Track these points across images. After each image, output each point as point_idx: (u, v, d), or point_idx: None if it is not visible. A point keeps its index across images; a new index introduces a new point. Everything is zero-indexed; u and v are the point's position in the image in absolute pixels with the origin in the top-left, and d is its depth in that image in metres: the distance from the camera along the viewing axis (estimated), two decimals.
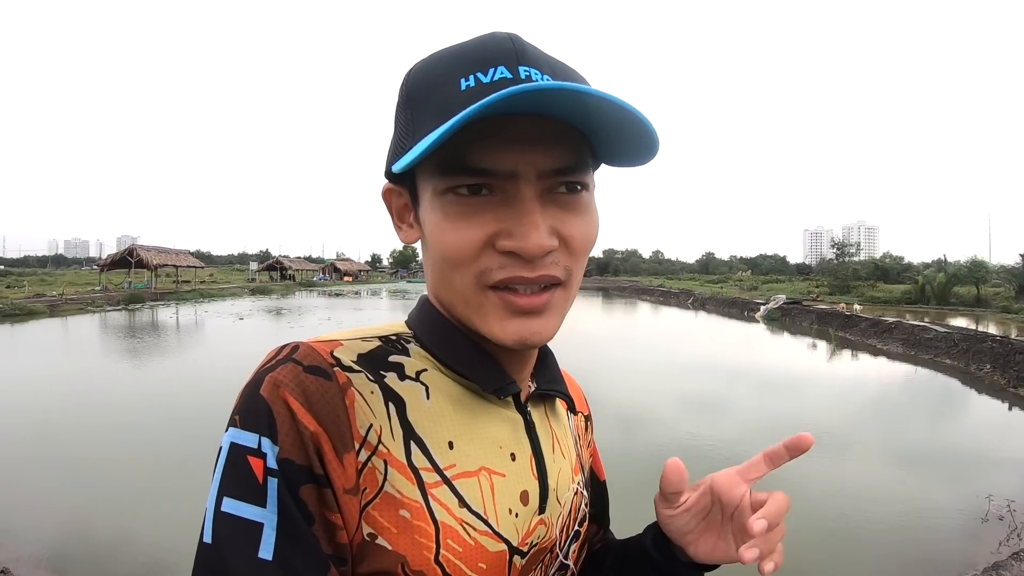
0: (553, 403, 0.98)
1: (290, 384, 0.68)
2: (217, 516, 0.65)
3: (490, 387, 0.82)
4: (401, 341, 0.85)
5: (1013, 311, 37.24)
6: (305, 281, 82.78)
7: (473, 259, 0.73)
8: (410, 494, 0.72)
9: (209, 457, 0.71)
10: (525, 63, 0.72)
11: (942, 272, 48.57)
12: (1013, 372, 17.49)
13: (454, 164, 0.71)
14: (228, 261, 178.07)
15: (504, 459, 0.82)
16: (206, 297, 49.15)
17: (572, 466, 0.96)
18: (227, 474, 0.67)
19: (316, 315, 34.30)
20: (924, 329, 23.88)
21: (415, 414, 0.76)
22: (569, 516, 0.92)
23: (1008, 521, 7.29)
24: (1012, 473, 9.29)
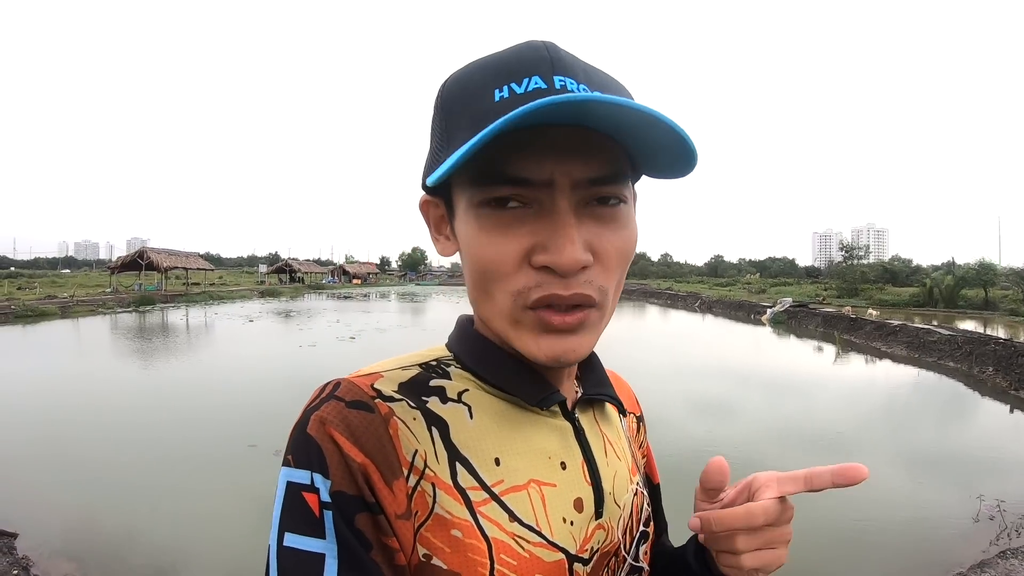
0: (603, 406, 0.97)
1: (334, 420, 0.71)
2: (280, 551, 0.68)
3: (533, 400, 0.82)
4: (441, 365, 0.86)
5: (1021, 314, 36.89)
6: (314, 283, 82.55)
7: (510, 275, 0.73)
8: (459, 514, 0.73)
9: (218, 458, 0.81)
10: (560, 72, 0.71)
11: (950, 275, 48.12)
12: (1015, 374, 17.47)
13: (489, 174, 0.71)
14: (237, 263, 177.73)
15: (553, 469, 0.82)
16: (216, 299, 49.24)
17: (629, 467, 0.95)
18: (286, 510, 0.70)
19: (325, 317, 34.26)
20: (928, 332, 23.83)
21: (459, 435, 0.78)
22: (631, 518, 0.91)
23: (998, 521, 7.44)
24: (1008, 474, 9.40)
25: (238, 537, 6.77)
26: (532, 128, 0.68)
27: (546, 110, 0.62)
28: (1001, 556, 6.43)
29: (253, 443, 9.80)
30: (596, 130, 0.70)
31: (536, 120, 0.64)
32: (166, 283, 53.61)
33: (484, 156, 0.69)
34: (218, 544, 6.63)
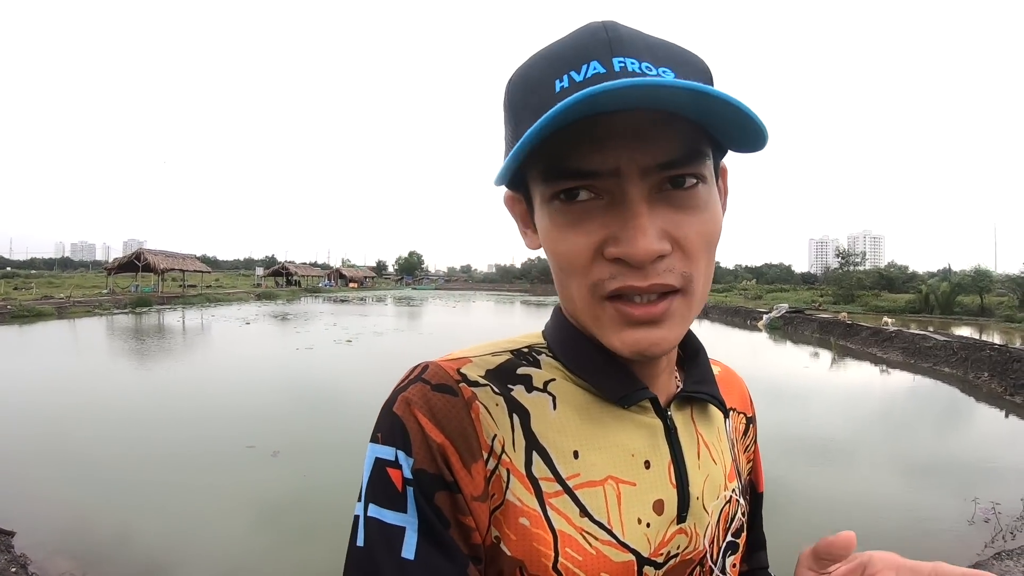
0: (704, 405, 0.91)
1: (418, 402, 0.73)
2: (367, 522, 0.70)
3: (615, 396, 0.80)
4: (533, 352, 0.85)
5: (1017, 320, 37.05)
6: (311, 287, 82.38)
7: (585, 269, 0.72)
8: (528, 503, 0.73)
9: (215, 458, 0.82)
10: (620, 54, 0.68)
11: (946, 281, 48.26)
12: (1010, 380, 17.65)
13: (555, 169, 0.70)
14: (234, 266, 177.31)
15: (635, 468, 0.80)
16: (212, 302, 49.18)
17: (725, 472, 0.90)
18: (371, 484, 0.72)
19: (322, 321, 34.28)
20: (924, 338, 23.99)
21: (539, 425, 0.77)
22: (719, 526, 0.87)
23: (993, 523, 7.48)
24: (1002, 478, 9.44)
25: (234, 537, 6.79)
26: (595, 116, 0.65)
27: (603, 97, 0.60)
28: (996, 558, 6.45)
29: (251, 444, 9.81)
30: (661, 110, 0.66)
31: (596, 108, 0.63)
32: (163, 285, 53.54)
33: (550, 150, 0.68)
34: (215, 543, 6.64)
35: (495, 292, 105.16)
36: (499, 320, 42.53)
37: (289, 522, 7.17)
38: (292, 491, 8.02)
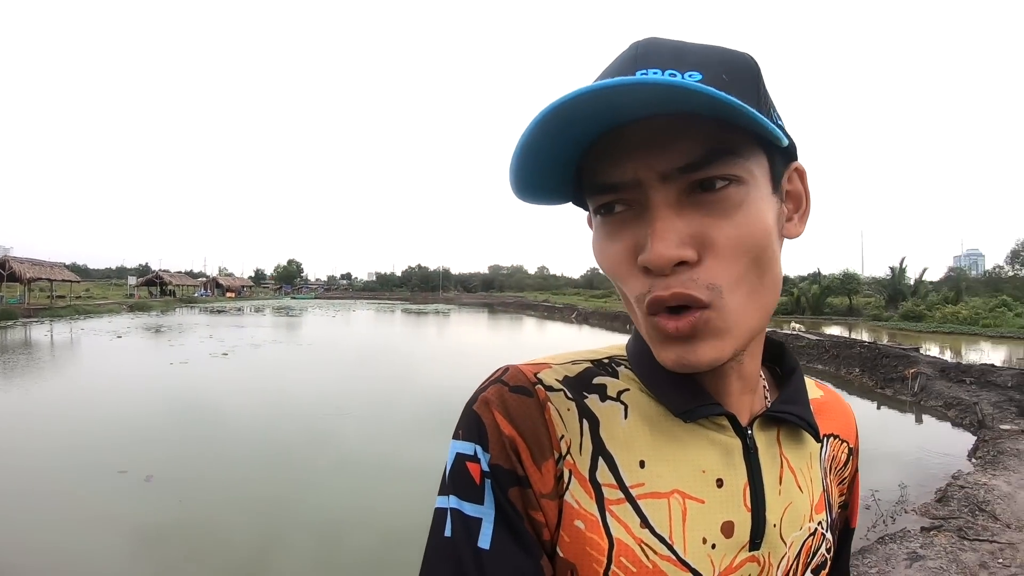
0: (795, 429, 0.87)
1: (495, 401, 0.75)
2: (452, 513, 0.72)
3: (678, 409, 0.78)
4: (613, 363, 0.85)
5: (883, 319, 39.34)
6: (186, 297, 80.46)
7: (626, 280, 0.72)
8: (587, 506, 0.73)
9: (85, 486, 0.74)
10: (644, 66, 0.67)
11: (816, 284, 50.69)
12: (880, 374, 19.00)
13: (591, 186, 0.72)
14: (106, 275, 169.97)
15: (706, 485, 0.77)
16: (82, 313, 47.28)
17: (812, 502, 0.85)
18: (453, 477, 0.74)
19: (197, 333, 33.32)
20: (797, 337, 25.31)
21: (608, 432, 0.77)
22: (797, 559, 0.82)
23: (874, 510, 7.85)
24: (879, 466, 9.94)
25: (109, 572, 6.43)
26: (614, 129, 0.67)
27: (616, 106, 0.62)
28: (880, 542, 6.72)
29: (123, 469, 9.28)
30: (679, 113, 0.64)
31: (611, 120, 0.65)
32: (29, 295, 50.93)
33: (585, 168, 0.72)
34: None
35: (376, 300, 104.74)
36: (378, 329, 42.59)
37: (168, 551, 6.86)
38: (169, 518, 7.65)
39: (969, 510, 7.63)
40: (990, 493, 8.19)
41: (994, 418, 13.27)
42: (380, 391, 16.91)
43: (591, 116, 0.63)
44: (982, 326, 34.18)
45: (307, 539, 7.23)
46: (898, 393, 17.32)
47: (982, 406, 13.98)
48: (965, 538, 6.68)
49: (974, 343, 28.93)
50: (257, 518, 7.83)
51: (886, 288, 48.85)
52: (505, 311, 70.30)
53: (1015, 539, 6.68)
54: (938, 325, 35.74)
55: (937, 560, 6.13)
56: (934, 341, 29.09)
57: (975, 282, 59.97)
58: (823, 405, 0.95)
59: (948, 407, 15.20)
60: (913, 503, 8.21)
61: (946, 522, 7.22)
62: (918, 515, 7.69)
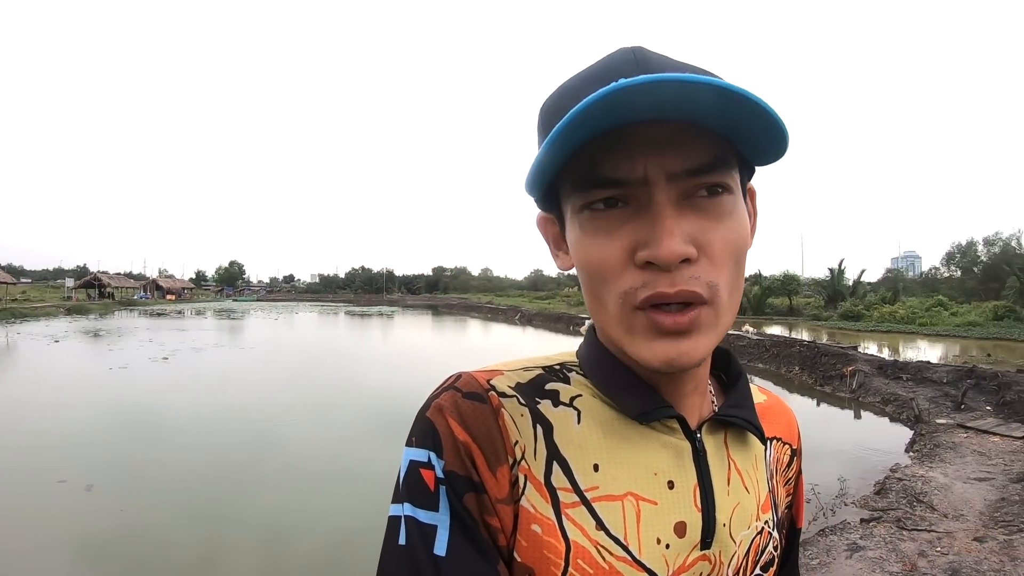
0: (741, 432, 0.90)
1: (449, 407, 0.75)
2: (406, 521, 0.72)
3: (635, 411, 0.80)
4: (564, 369, 0.86)
5: (823, 319, 40.20)
6: (125, 300, 78.98)
7: (617, 277, 0.72)
8: (543, 511, 0.74)
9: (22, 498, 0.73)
10: (648, 71, 0.69)
11: (757, 285, 51.39)
12: (819, 372, 19.41)
13: (586, 179, 0.71)
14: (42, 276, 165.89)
15: (658, 487, 0.79)
16: (18, 317, 46.33)
17: (759, 502, 0.88)
18: (407, 485, 0.74)
19: (137, 337, 32.74)
20: (739, 337, 25.91)
21: (562, 437, 0.78)
22: (746, 557, 0.85)
23: (815, 503, 7.98)
24: (819, 461, 10.07)
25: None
26: (623, 127, 0.67)
27: (629, 104, 0.62)
28: (821, 534, 6.84)
29: (62, 478, 9.06)
30: (684, 121, 0.68)
31: (621, 118, 0.65)
32: None
33: (581, 160, 0.70)
34: None
35: (319, 303, 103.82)
36: (322, 332, 42.33)
37: (109, 561, 6.73)
38: (110, 527, 7.48)
39: (907, 501, 7.82)
40: (927, 485, 8.39)
41: (930, 413, 13.60)
42: (324, 395, 16.79)
43: (625, 107, 0.63)
44: (919, 325, 35.01)
45: (252, 545, 7.16)
46: (837, 390, 17.68)
47: (919, 402, 14.30)
48: (904, 528, 6.83)
49: (911, 341, 29.59)
50: (200, 525, 7.71)
51: (825, 289, 49.76)
52: (450, 313, 70.27)
53: (952, 528, 6.86)
54: (876, 324, 36.47)
55: (877, 550, 6.26)
56: (872, 340, 29.70)
57: (912, 283, 61.57)
58: (767, 409, 0.98)
59: (886, 403, 15.55)
60: (853, 496, 8.38)
61: (885, 513, 7.38)
62: (858, 507, 7.85)
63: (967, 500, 7.91)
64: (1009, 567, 5.60)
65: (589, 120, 0.63)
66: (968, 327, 32.80)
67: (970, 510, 7.57)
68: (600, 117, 0.63)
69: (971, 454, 10.16)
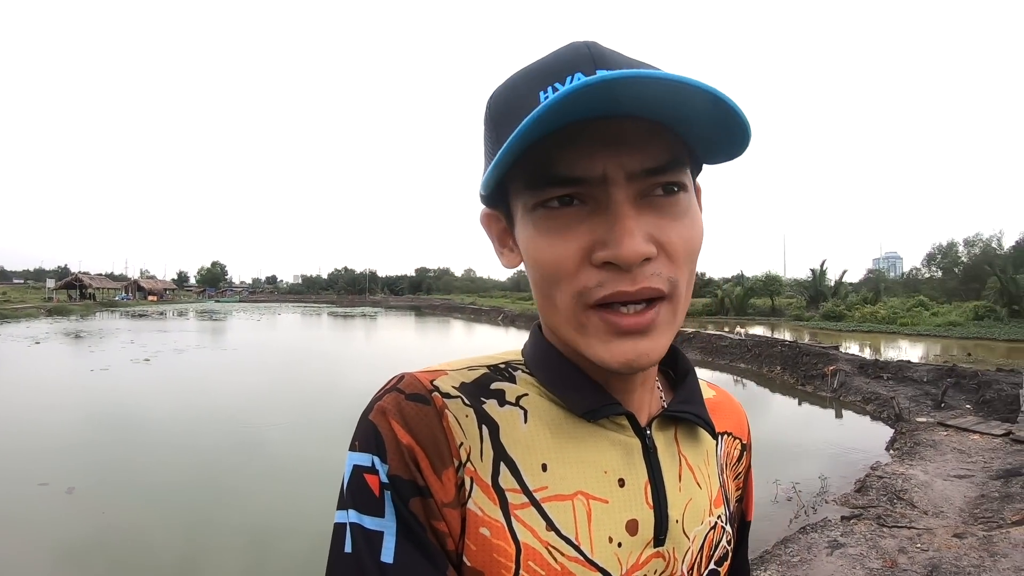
0: (692, 427, 0.89)
1: (392, 410, 0.73)
2: (352, 528, 0.70)
3: (582, 409, 0.79)
4: (510, 368, 0.85)
5: (805, 319, 40.41)
6: (107, 301, 78.49)
7: (571, 276, 0.71)
8: (491, 513, 0.73)
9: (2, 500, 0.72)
10: (603, 66, 0.69)
11: (740, 286, 51.69)
12: (801, 372, 19.55)
13: (541, 176, 0.69)
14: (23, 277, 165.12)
15: (608, 485, 0.78)
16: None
17: (711, 497, 0.88)
18: (351, 491, 0.72)
19: (118, 338, 32.49)
20: (720, 338, 26.16)
21: (508, 437, 0.77)
22: (700, 552, 0.85)
23: (796, 501, 8.05)
24: (799, 459, 10.09)
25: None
26: (579, 123, 0.66)
27: (587, 102, 0.61)
28: (802, 532, 6.90)
29: (44, 480, 9.00)
30: (644, 118, 0.67)
31: (579, 113, 0.63)
32: None
33: (535, 158, 0.68)
34: None
35: (301, 304, 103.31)
36: (305, 333, 42.04)
37: (91, 563, 6.68)
38: (92, 531, 7.43)
39: (887, 499, 7.88)
40: (908, 482, 8.45)
41: (911, 411, 13.74)
42: (307, 396, 16.71)
43: (581, 104, 0.62)
44: (900, 325, 35.23)
45: (235, 547, 7.14)
46: (818, 389, 17.80)
47: (899, 400, 14.38)
48: (884, 525, 6.88)
49: (892, 341, 29.77)
50: (183, 527, 7.68)
51: (807, 289, 50.08)
52: (433, 314, 70.20)
53: (932, 524, 6.91)
54: (857, 324, 36.76)
55: (857, 547, 6.29)
56: (854, 340, 29.90)
57: (893, 283, 61.91)
58: (716, 405, 0.98)
59: (867, 402, 15.69)
60: (834, 494, 8.43)
61: (866, 511, 7.43)
62: (838, 505, 7.91)
63: (947, 497, 7.99)
64: (989, 563, 5.64)
65: (547, 118, 0.62)
66: (949, 327, 33.03)
67: (950, 507, 7.65)
68: (558, 115, 0.62)
69: (951, 452, 10.25)
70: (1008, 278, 36.12)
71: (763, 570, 6.03)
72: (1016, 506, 7.41)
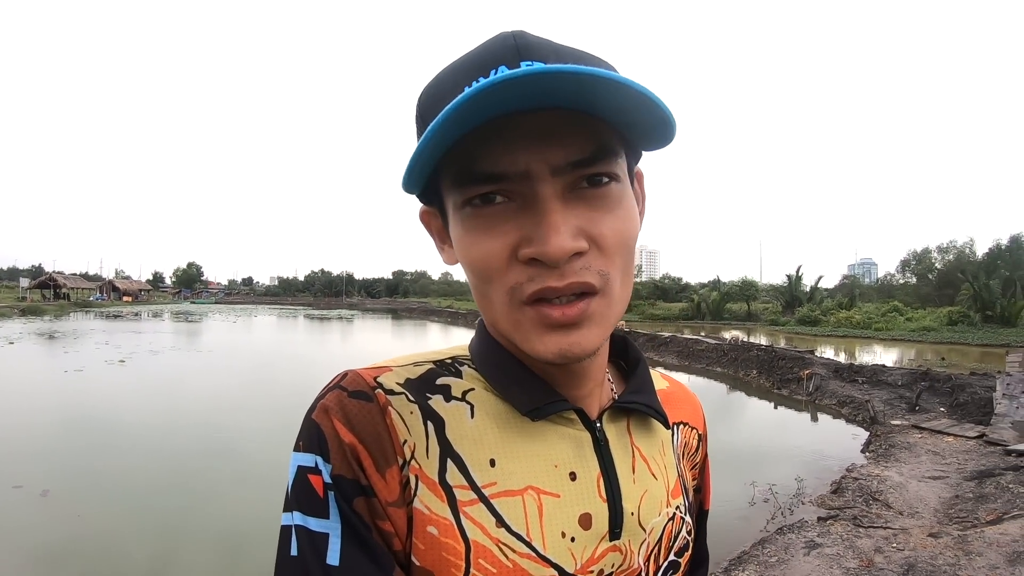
0: (645, 418, 0.89)
1: (335, 408, 0.72)
2: (296, 530, 0.70)
3: (524, 408, 0.78)
4: (456, 364, 0.84)
5: (781, 323, 40.71)
6: (81, 301, 77.81)
7: (501, 274, 0.70)
8: (438, 511, 0.72)
9: None
10: (528, 57, 0.67)
11: (716, 291, 52.03)
12: (777, 376, 19.73)
13: (465, 174, 0.69)
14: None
15: (559, 479, 0.77)
16: None
17: (668, 487, 0.88)
18: (296, 492, 0.71)
19: (93, 339, 32.13)
20: (697, 342, 26.33)
21: (454, 433, 0.76)
22: (659, 544, 0.84)
23: (772, 503, 8.10)
24: (776, 462, 10.21)
25: None
26: (501, 119, 0.65)
27: (505, 96, 0.61)
28: (779, 532, 6.96)
29: (17, 483, 8.87)
30: (567, 109, 0.66)
31: (499, 108, 0.63)
32: None
33: (460, 155, 0.67)
34: None
35: (278, 306, 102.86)
36: (281, 336, 41.95)
37: (67, 568, 6.61)
38: (67, 534, 7.34)
39: (863, 500, 7.94)
40: (883, 483, 8.52)
41: (885, 414, 13.87)
42: (282, 400, 16.55)
43: (500, 98, 0.62)
44: (874, 330, 35.64)
45: (210, 551, 7.09)
46: (794, 393, 17.91)
47: (874, 404, 14.55)
48: (860, 526, 6.94)
49: (867, 345, 30.12)
50: (158, 531, 7.61)
51: (783, 294, 50.43)
52: (409, 317, 70.06)
53: (908, 525, 6.98)
54: (833, 329, 37.10)
55: (834, 547, 6.34)
56: (829, 344, 30.24)
57: (868, 289, 62.46)
58: (670, 395, 0.98)
59: (842, 405, 15.83)
60: (810, 495, 8.51)
61: (842, 512, 7.49)
62: (815, 506, 7.98)
63: (922, 498, 8.06)
64: (964, 561, 5.69)
65: (465, 113, 0.61)
66: (923, 332, 33.49)
67: (925, 507, 7.72)
68: (476, 109, 0.62)
69: (925, 454, 10.35)
70: (981, 284, 36.59)
71: (741, 570, 6.08)
72: (990, 506, 7.50)
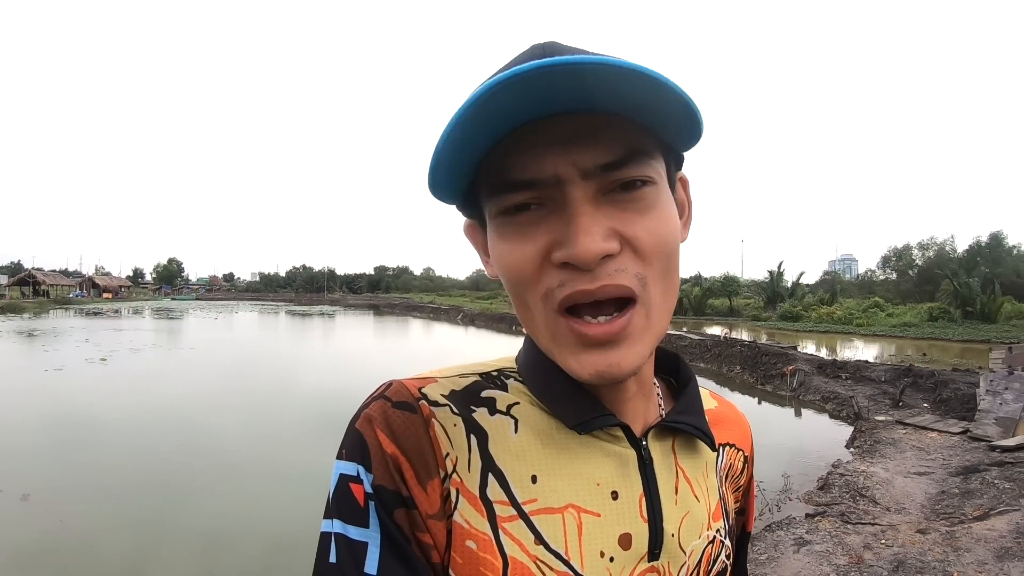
0: (690, 438, 0.86)
1: (378, 418, 0.72)
2: (336, 538, 0.69)
3: (571, 422, 0.76)
4: (502, 376, 0.83)
5: (762, 319, 40.97)
6: (61, 298, 77.46)
7: (534, 279, 0.69)
8: (478, 525, 0.71)
9: None
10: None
11: (698, 287, 52.21)
12: (760, 371, 19.85)
13: (497, 184, 0.68)
14: None
15: (601, 498, 0.76)
16: None
17: (709, 510, 0.86)
18: (337, 500, 0.71)
19: (73, 337, 31.95)
20: (680, 337, 26.39)
21: (497, 447, 0.75)
22: (698, 567, 0.82)
23: (760, 500, 8.05)
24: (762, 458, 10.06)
25: None
26: (530, 124, 0.65)
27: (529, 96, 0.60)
28: (768, 530, 6.97)
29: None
30: (593, 112, 0.65)
31: (525, 114, 0.63)
32: None
33: (493, 164, 0.67)
34: None
35: (259, 302, 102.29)
36: (262, 333, 41.78)
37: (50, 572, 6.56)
38: (47, 539, 7.27)
39: (850, 496, 7.98)
40: (869, 479, 8.57)
41: (869, 410, 13.96)
42: (263, 398, 16.55)
43: (525, 101, 0.61)
44: (856, 325, 35.82)
45: (192, 550, 7.06)
46: (778, 389, 18.07)
47: (858, 399, 14.63)
48: (848, 522, 6.97)
49: (849, 341, 30.31)
50: (139, 531, 7.58)
51: (765, 290, 50.63)
52: (392, 313, 69.92)
53: (896, 521, 7.01)
54: (815, 325, 37.30)
55: (823, 544, 6.36)
56: (811, 340, 30.36)
57: (849, 285, 62.85)
58: (718, 416, 0.96)
59: (826, 401, 15.92)
60: (797, 492, 8.55)
61: (829, 508, 7.52)
62: (802, 503, 8.01)
63: (908, 494, 8.10)
64: (952, 557, 5.73)
65: (490, 117, 0.61)
66: (904, 328, 33.66)
67: (912, 503, 7.75)
68: (496, 110, 0.61)
69: (910, 449, 10.41)
70: (961, 281, 36.84)
71: None
72: (976, 502, 7.54)
